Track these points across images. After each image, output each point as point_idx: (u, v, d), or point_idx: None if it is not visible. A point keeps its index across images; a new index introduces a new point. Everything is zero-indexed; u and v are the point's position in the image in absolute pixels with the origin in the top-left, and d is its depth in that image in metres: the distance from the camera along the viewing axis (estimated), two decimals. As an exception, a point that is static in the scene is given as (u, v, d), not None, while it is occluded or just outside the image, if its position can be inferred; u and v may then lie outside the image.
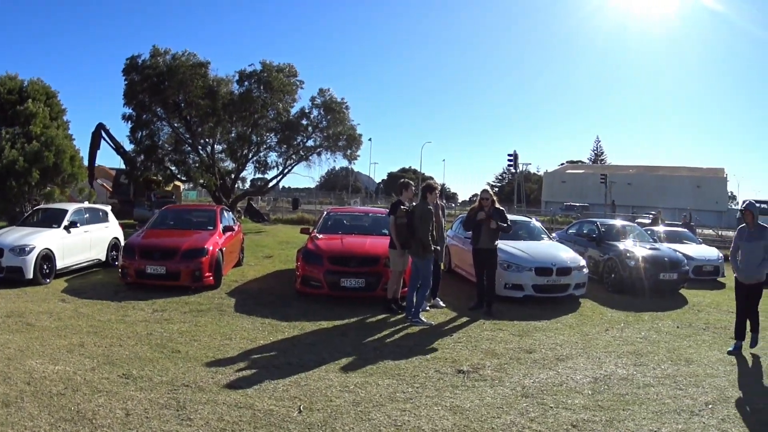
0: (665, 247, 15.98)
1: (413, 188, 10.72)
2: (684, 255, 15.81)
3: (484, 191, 10.92)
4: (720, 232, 38.06)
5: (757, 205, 9.06)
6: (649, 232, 18.16)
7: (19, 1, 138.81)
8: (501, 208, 10.95)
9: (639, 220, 32.58)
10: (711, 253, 18.28)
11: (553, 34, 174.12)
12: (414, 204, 9.95)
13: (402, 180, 11.01)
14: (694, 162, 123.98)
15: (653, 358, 8.32)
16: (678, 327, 10.60)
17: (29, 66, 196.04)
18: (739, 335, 8.89)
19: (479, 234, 10.61)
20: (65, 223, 12.90)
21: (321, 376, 6.55)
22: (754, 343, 8.89)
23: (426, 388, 6.34)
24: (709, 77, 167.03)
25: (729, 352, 8.66)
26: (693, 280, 15.84)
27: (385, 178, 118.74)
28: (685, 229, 22.02)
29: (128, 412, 5.28)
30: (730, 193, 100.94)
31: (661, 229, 21.23)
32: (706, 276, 17.08)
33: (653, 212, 38.67)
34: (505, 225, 10.62)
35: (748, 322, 8.91)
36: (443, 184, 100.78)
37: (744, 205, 9.03)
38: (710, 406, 6.51)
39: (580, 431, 5.48)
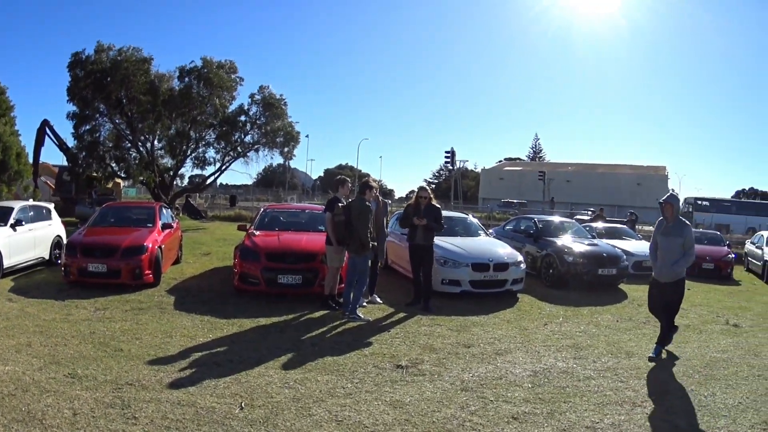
0: (604, 243, 16.47)
1: (350, 185, 10.87)
2: (623, 251, 16.34)
3: (422, 188, 11.14)
4: None
5: (699, 202, 9.30)
6: (587, 229, 18.70)
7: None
8: (437, 205, 11.13)
9: (578, 217, 33.48)
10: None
11: (492, 31, 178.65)
12: (350, 200, 10.11)
13: (338, 177, 11.34)
14: (636, 160, 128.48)
15: (593, 352, 8.59)
16: (618, 321, 10.98)
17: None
18: (659, 340, 8.77)
19: (415, 230, 10.78)
20: (11, 221, 12.76)
21: (261, 372, 6.65)
22: (660, 344, 8.67)
23: (365, 384, 6.46)
24: (651, 76, 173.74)
25: (650, 357, 8.37)
26: (633, 275, 16.37)
27: (322, 174, 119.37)
28: (624, 226, 22.84)
29: (75, 411, 5.33)
30: (671, 191, 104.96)
31: (600, 225, 21.89)
32: (646, 271, 17.15)
33: (592, 209, 39.60)
34: (436, 225, 10.78)
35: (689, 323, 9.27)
36: (380, 181, 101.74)
37: (664, 197, 8.57)
38: (653, 397, 6.76)
39: (521, 423, 5.63)
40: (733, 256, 20.58)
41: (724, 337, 10.34)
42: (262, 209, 14.54)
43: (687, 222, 8.48)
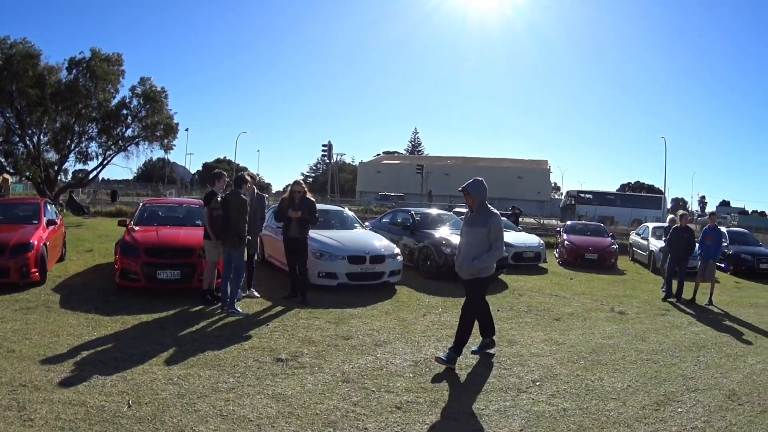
0: None
1: (226, 179, 11.08)
2: None
3: (296, 182, 11.43)
4: (542, 221, 42.01)
5: (582, 195, 9.37)
6: None
7: None
8: (312, 199, 11.41)
9: (456, 210, 34.29)
10: (531, 240, 19.92)
11: (373, 26, 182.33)
12: (226, 194, 10.34)
13: (215, 171, 11.54)
14: (520, 155, 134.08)
15: (474, 341, 8.61)
16: (498, 310, 11.23)
17: None
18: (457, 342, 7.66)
19: (289, 224, 11.07)
20: None
21: (145, 369, 6.72)
22: (455, 348, 7.59)
23: (247, 378, 6.62)
24: (536, 72, 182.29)
25: (438, 358, 7.56)
26: (514, 266, 17.14)
27: (201, 169, 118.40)
28: (504, 218, 23.26)
29: (-25, 415, 5.26)
30: (553, 184, 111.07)
31: None
32: (527, 262, 18.48)
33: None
34: (311, 218, 11.09)
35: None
36: (258, 175, 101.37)
37: (464, 184, 7.73)
38: (538, 383, 7.01)
39: (405, 412, 5.83)
40: (617, 246, 21.68)
41: (609, 323, 10.81)
42: (141, 204, 14.67)
43: (495, 211, 7.64)
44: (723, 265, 22.15)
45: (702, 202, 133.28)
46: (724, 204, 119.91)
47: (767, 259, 21.53)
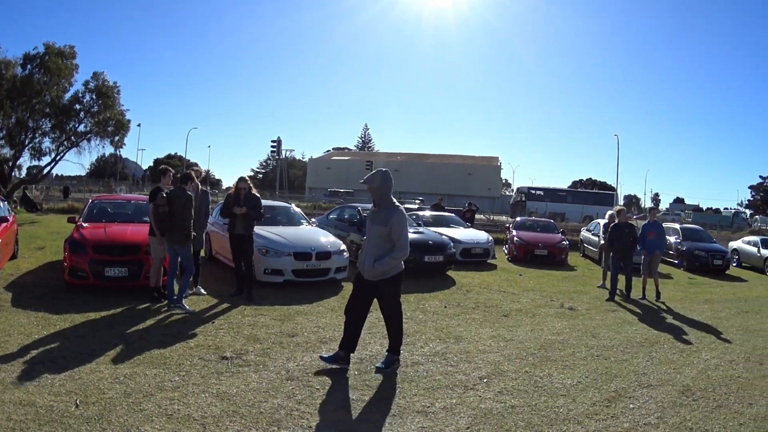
0: (430, 231, 17.09)
1: (171, 174, 11.04)
2: (451, 238, 16.98)
3: (241, 179, 11.52)
4: (492, 217, 42.29)
5: (533, 191, 9.21)
6: (414, 217, 19.44)
7: None
8: (257, 194, 11.56)
9: (406, 206, 34.34)
10: (480, 236, 19.87)
11: (325, 22, 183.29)
12: (172, 190, 10.36)
13: (161, 166, 11.79)
14: (471, 151, 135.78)
15: (420, 337, 8.83)
16: (446, 307, 11.32)
17: None
18: (345, 345, 7.28)
19: (235, 220, 11.21)
20: None
21: (93, 368, 6.70)
22: (387, 364, 7.16)
23: (192, 376, 6.62)
24: (489, 70, 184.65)
25: (322, 358, 7.30)
26: (462, 262, 17.21)
27: (152, 164, 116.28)
28: (452, 214, 23.97)
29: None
30: (504, 181, 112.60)
31: (427, 213, 23.09)
32: (475, 258, 18.50)
33: (420, 198, 40.66)
34: (255, 214, 11.24)
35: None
36: (208, 171, 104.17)
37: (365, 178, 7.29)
38: (485, 380, 6.98)
39: (350, 411, 5.86)
40: (567, 243, 21.92)
41: (559, 320, 10.85)
42: (90, 201, 14.50)
43: (399, 206, 7.09)
44: (676, 262, 22.65)
45: (655, 199, 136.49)
46: (678, 201, 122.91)
47: (721, 256, 22.04)
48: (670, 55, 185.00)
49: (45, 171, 38.51)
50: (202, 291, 11.27)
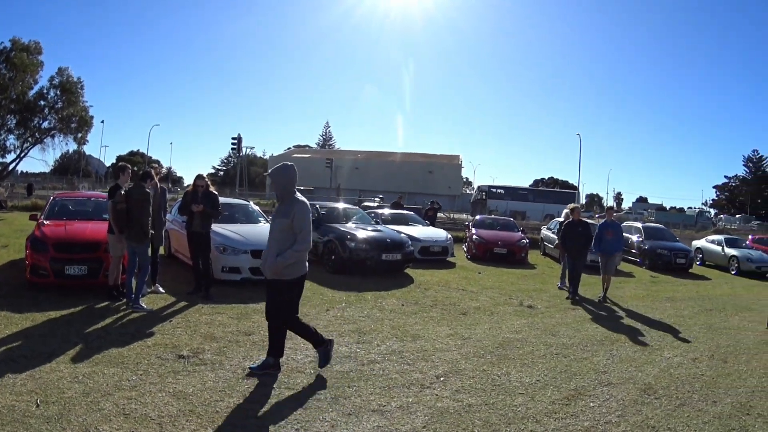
0: (388, 229, 17.09)
1: (130, 171, 10.97)
2: (409, 236, 17.08)
3: (199, 176, 11.59)
4: (452, 215, 42.29)
5: (494, 190, 9.09)
6: (372, 215, 19.62)
7: None
8: (214, 192, 11.69)
9: (365, 203, 34.44)
10: (439, 234, 19.97)
11: (288, 18, 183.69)
12: (130, 188, 10.37)
13: (119, 163, 11.60)
14: (434, 150, 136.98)
15: (377, 336, 8.80)
16: (403, 305, 11.30)
17: None
18: (272, 352, 7.02)
19: (192, 218, 11.25)
20: None
21: (53, 368, 6.70)
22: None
23: (149, 375, 6.62)
24: (451, 68, 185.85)
25: (251, 368, 6.92)
26: (420, 260, 17.23)
27: (114, 161, 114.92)
28: (412, 212, 24.04)
29: None
30: (465, 179, 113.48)
31: (386, 211, 23.16)
32: (434, 256, 18.55)
33: (380, 196, 40.62)
34: (213, 211, 11.34)
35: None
36: (170, 168, 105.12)
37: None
38: (442, 378, 6.94)
39: (305, 410, 5.83)
40: (527, 241, 22.01)
41: (518, 318, 10.84)
42: (51, 198, 14.45)
43: (301, 199, 6.83)
44: (639, 260, 22.94)
45: (618, 198, 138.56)
46: (641, 200, 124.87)
47: (684, 254, 22.42)
48: (633, 55, 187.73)
49: (10, 168, 38.52)
50: (161, 289, 11.26)
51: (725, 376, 7.86)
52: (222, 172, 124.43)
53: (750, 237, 31.02)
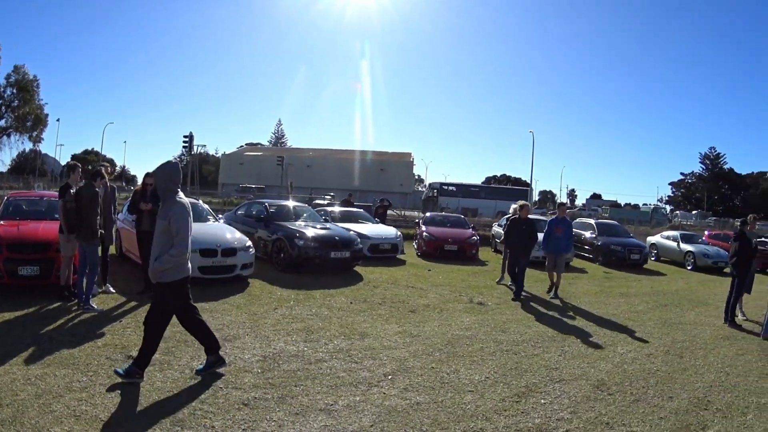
0: (338, 227, 17.10)
1: (80, 170, 10.87)
2: (359, 234, 17.17)
3: (147, 174, 11.48)
4: (404, 213, 42.83)
5: (445, 187, 9.01)
6: (322, 213, 19.71)
7: None
8: None
9: (316, 201, 34.39)
10: (388, 231, 20.05)
11: (242, 15, 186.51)
12: (80, 187, 10.24)
13: (68, 162, 11.43)
14: (386, 147, 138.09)
15: (325, 334, 8.75)
16: (351, 303, 11.25)
17: None
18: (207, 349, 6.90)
19: (141, 217, 11.24)
20: None
21: (6, 370, 6.68)
22: (128, 373, 6.44)
23: (99, 376, 6.58)
24: (404, 66, 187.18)
25: (198, 371, 6.81)
26: (370, 258, 17.32)
27: (70, 160, 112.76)
28: (362, 210, 24.07)
29: None
30: (417, 176, 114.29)
31: (336, 209, 23.18)
32: (383, 253, 18.57)
33: (331, 194, 40.60)
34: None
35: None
36: (124, 166, 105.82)
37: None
38: (390, 377, 6.90)
39: (252, 409, 5.84)
40: (477, 238, 22.00)
41: (467, 315, 10.81)
42: (6, 198, 14.20)
43: (181, 200, 6.56)
44: (592, 257, 23.12)
45: (571, 195, 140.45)
46: (596, 197, 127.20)
47: (639, 250, 22.56)
48: (588, 53, 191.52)
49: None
50: (111, 289, 11.18)
51: (681, 372, 7.93)
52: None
53: (706, 233, 31.54)
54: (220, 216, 17.16)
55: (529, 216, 14.22)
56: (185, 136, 61.05)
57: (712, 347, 9.54)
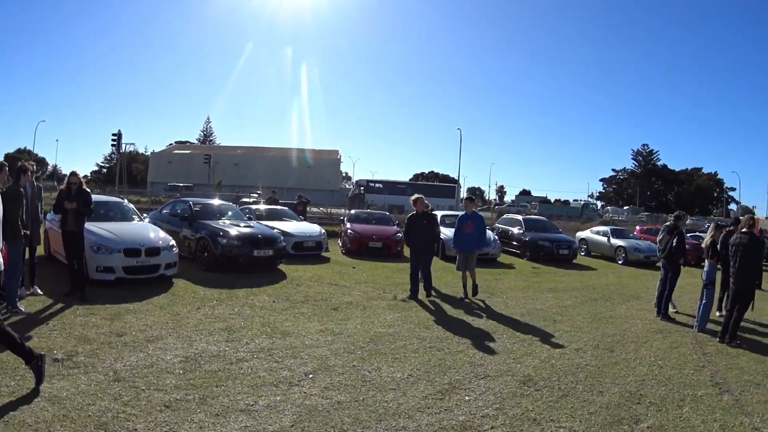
0: (261, 225, 17.05)
1: (7, 170, 10.50)
2: (282, 232, 17.21)
3: (72, 173, 11.37)
4: (330, 210, 42.91)
5: (372, 184, 8.84)
6: (246, 211, 19.71)
7: None
8: (87, 190, 11.40)
9: (243, 199, 34.11)
10: (312, 229, 20.00)
11: (169, 12, 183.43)
12: (6, 186, 9.97)
13: None
14: (314, 145, 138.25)
15: (247, 333, 8.68)
16: (274, 301, 11.16)
17: None
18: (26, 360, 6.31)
19: (66, 216, 11.00)
20: None
21: None
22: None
23: (26, 380, 6.42)
24: (333, 62, 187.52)
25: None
26: (294, 255, 17.29)
27: (2, 159, 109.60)
28: (286, 208, 24.02)
29: None
30: (344, 174, 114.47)
31: (261, 207, 23.08)
32: (307, 251, 18.52)
33: (258, 192, 40.21)
34: (85, 209, 11.10)
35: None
36: (56, 165, 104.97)
37: None
38: (311, 375, 6.84)
39: (174, 411, 5.75)
40: (402, 235, 21.63)
41: (391, 312, 10.77)
42: None
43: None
44: (519, 252, 23.38)
45: (500, 191, 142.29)
46: (525, 193, 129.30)
47: (567, 245, 22.93)
48: (518, 51, 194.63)
49: None
50: (39, 291, 10.96)
51: (612, 366, 8.00)
52: (105, 170, 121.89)
53: (638, 227, 32.28)
54: (146, 215, 16.92)
55: (427, 210, 13.25)
56: (114, 134, 60.97)
57: (645, 341, 9.69)
